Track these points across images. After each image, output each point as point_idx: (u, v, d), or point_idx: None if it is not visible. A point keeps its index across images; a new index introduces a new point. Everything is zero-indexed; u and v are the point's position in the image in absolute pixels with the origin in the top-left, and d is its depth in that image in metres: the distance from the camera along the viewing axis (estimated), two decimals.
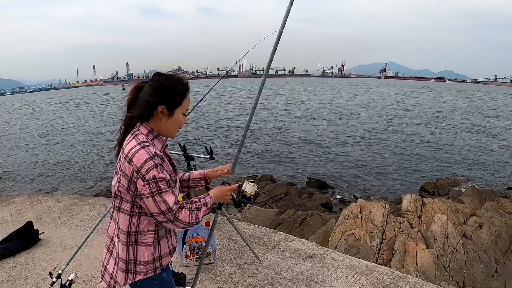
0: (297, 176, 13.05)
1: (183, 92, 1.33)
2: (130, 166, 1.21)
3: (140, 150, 1.21)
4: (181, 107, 1.33)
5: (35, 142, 20.78)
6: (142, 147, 1.22)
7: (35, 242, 3.41)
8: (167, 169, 1.30)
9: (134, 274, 1.33)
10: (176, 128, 1.37)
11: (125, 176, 1.24)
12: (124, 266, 1.32)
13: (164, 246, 1.38)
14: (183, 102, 1.34)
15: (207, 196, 1.41)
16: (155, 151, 1.24)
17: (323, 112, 31.77)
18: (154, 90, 1.30)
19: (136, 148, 1.22)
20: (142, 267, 1.32)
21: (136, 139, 1.26)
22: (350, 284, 2.61)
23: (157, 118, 1.30)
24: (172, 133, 1.36)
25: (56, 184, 12.64)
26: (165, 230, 1.39)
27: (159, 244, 1.35)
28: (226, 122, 25.59)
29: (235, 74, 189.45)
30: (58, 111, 42.38)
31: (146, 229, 1.31)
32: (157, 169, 1.21)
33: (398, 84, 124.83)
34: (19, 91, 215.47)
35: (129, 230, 1.30)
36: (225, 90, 65.89)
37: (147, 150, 1.22)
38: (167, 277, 1.43)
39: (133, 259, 1.31)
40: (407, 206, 6.48)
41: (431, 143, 18.67)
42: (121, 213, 1.31)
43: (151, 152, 1.22)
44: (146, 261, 1.32)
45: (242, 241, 3.10)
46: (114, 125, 29.38)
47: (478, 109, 37.56)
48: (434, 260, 5.07)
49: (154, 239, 1.33)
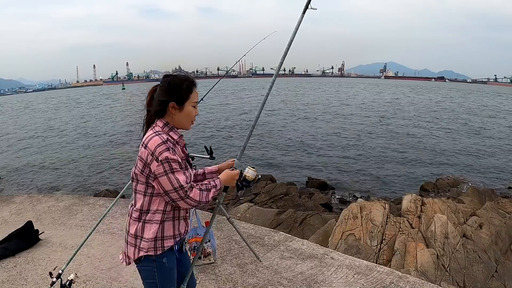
0: (297, 176, 13.04)
1: (189, 87, 1.51)
2: (145, 151, 1.40)
3: (154, 136, 1.41)
4: (189, 100, 1.51)
5: (35, 142, 20.77)
6: (156, 135, 1.42)
7: (35, 242, 3.41)
8: (179, 153, 1.47)
9: (139, 250, 1.48)
10: (188, 120, 1.55)
11: (141, 160, 1.43)
12: (133, 241, 1.49)
13: (169, 228, 1.51)
14: (190, 96, 1.52)
15: (216, 179, 1.56)
16: (168, 137, 1.43)
17: (322, 112, 31.77)
18: (164, 89, 1.49)
19: (151, 136, 1.42)
20: (145, 243, 1.47)
21: (152, 130, 1.46)
22: (350, 284, 2.61)
23: (170, 113, 1.49)
24: (185, 125, 1.55)
25: (56, 184, 12.63)
26: (173, 214, 1.52)
27: (164, 225, 1.49)
28: (226, 122, 25.60)
29: (235, 74, 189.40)
30: (58, 111, 42.37)
31: (156, 208, 1.47)
32: (170, 151, 1.39)
33: (398, 84, 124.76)
34: (19, 91, 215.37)
35: (142, 208, 1.47)
36: (225, 90, 65.89)
37: (160, 136, 1.41)
38: (167, 264, 1.53)
39: (140, 235, 1.47)
40: (407, 206, 6.47)
41: (431, 143, 18.66)
42: (137, 194, 1.49)
43: (164, 138, 1.41)
44: (149, 238, 1.46)
45: (242, 241, 3.11)
46: (114, 125, 29.28)
47: (478, 109, 37.55)
48: (434, 260, 5.07)
49: (160, 219, 1.48)
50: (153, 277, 1.53)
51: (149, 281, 1.55)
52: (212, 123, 24.98)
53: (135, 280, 2.76)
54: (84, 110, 41.19)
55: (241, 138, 19.78)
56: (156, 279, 1.53)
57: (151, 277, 1.53)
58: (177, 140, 1.50)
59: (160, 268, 1.52)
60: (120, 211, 4.18)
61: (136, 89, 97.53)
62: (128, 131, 22.81)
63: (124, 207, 4.29)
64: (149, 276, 1.53)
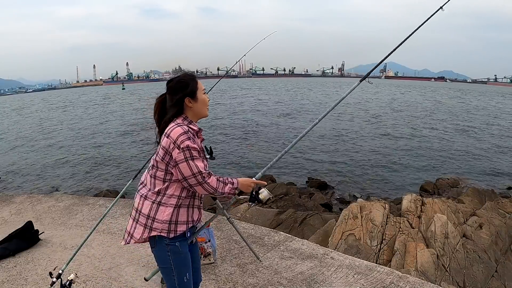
0: (297, 176, 13.05)
1: (193, 80, 1.67)
2: (168, 140, 1.52)
3: (176, 127, 1.55)
4: (199, 90, 1.66)
5: (35, 142, 20.77)
6: (178, 126, 1.56)
7: (35, 242, 3.41)
8: (198, 144, 1.60)
9: (150, 230, 1.58)
10: (205, 106, 1.70)
11: (163, 148, 1.54)
12: (144, 221, 1.59)
13: (183, 214, 1.63)
14: (198, 86, 1.67)
15: (234, 178, 1.67)
16: (188, 129, 1.57)
17: (322, 112, 31.70)
18: (176, 90, 1.63)
19: (174, 127, 1.56)
20: (158, 224, 1.58)
21: (174, 122, 1.59)
22: (350, 284, 2.61)
23: (188, 108, 1.64)
24: (204, 111, 1.70)
25: (56, 184, 12.62)
26: (188, 202, 1.65)
27: (178, 210, 1.61)
28: (225, 121, 25.60)
29: (235, 74, 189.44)
30: (58, 111, 42.36)
31: (172, 193, 1.59)
32: (190, 140, 1.53)
33: (399, 84, 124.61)
34: (19, 91, 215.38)
35: (159, 191, 1.59)
36: (224, 90, 65.87)
37: (182, 127, 1.55)
38: (180, 248, 1.64)
39: (153, 216, 1.58)
40: (407, 206, 6.47)
41: (431, 143, 18.65)
42: (156, 180, 1.61)
43: (185, 128, 1.55)
44: (163, 220, 1.58)
45: (242, 241, 3.10)
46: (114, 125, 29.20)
47: (478, 109, 37.55)
48: (434, 260, 5.06)
49: (175, 203, 1.60)
50: (168, 261, 1.63)
51: (164, 265, 1.66)
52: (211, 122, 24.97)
53: (135, 280, 2.76)
54: (84, 110, 41.18)
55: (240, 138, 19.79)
56: (171, 264, 1.63)
57: (166, 262, 1.63)
58: (197, 131, 1.64)
59: (173, 251, 1.62)
60: (120, 211, 4.18)
61: (136, 89, 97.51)
62: (128, 131, 22.81)
63: (124, 207, 4.29)
64: (164, 260, 1.64)
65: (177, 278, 1.66)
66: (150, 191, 1.61)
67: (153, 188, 1.61)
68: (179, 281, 1.67)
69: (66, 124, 28.28)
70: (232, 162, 14.68)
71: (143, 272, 2.87)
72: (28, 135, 23.75)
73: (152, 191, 1.61)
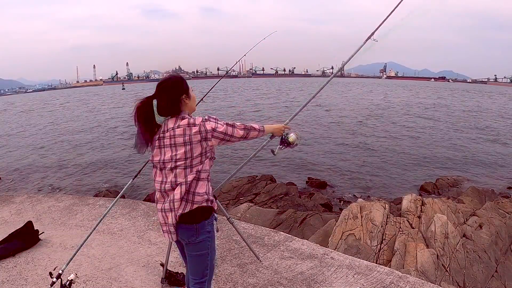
0: (297, 176, 13.04)
1: (184, 79, 1.83)
2: (195, 127, 1.68)
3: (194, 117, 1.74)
4: (190, 88, 1.82)
5: (35, 142, 20.78)
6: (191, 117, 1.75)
7: (35, 242, 3.41)
8: None
9: (192, 204, 1.72)
10: (195, 102, 1.89)
11: (196, 134, 1.68)
12: (186, 196, 1.71)
13: (211, 188, 1.83)
14: (188, 85, 1.82)
15: (261, 126, 1.91)
16: None
17: (322, 112, 31.75)
18: (172, 89, 1.75)
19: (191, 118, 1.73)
20: (199, 197, 1.73)
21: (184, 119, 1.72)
22: (350, 284, 2.61)
23: (184, 105, 1.78)
24: (194, 107, 1.88)
25: (56, 184, 12.63)
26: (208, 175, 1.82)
27: (209, 184, 1.81)
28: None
29: (235, 74, 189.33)
30: (58, 111, 42.36)
31: (206, 168, 1.77)
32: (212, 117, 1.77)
33: (401, 84, 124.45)
34: (19, 91, 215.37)
35: (199, 169, 1.73)
36: (224, 90, 65.83)
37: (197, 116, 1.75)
38: (214, 231, 1.81)
39: (193, 191, 1.72)
40: (407, 206, 6.47)
41: (431, 143, 18.66)
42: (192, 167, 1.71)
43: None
44: (203, 192, 1.74)
45: (242, 241, 3.10)
46: (114, 125, 29.19)
47: (478, 109, 37.54)
48: (434, 260, 5.06)
49: (207, 177, 1.79)
50: (206, 246, 1.77)
51: (203, 251, 1.78)
52: None
53: (135, 280, 2.76)
54: (83, 110, 41.18)
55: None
56: (208, 249, 1.78)
57: (205, 247, 1.77)
58: None
59: (212, 236, 1.78)
60: (120, 211, 4.18)
61: (136, 89, 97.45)
62: (128, 131, 22.80)
63: (124, 207, 4.29)
64: (203, 246, 1.77)
65: (210, 264, 1.81)
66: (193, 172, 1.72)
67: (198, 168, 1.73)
68: (211, 265, 1.82)
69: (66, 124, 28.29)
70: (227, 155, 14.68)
71: (143, 272, 2.87)
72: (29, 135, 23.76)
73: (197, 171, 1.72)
